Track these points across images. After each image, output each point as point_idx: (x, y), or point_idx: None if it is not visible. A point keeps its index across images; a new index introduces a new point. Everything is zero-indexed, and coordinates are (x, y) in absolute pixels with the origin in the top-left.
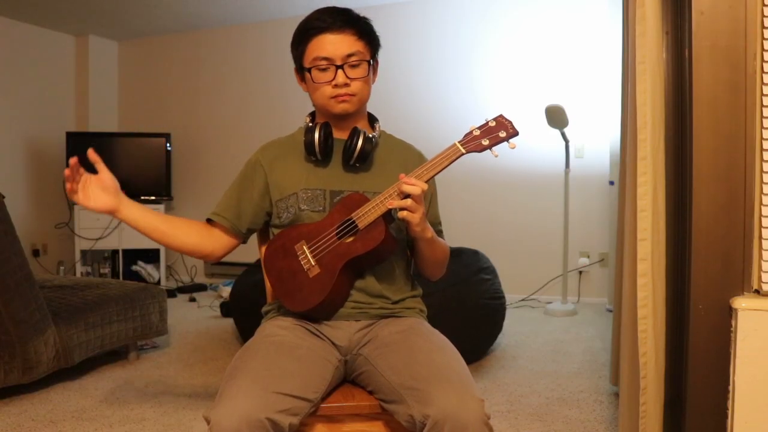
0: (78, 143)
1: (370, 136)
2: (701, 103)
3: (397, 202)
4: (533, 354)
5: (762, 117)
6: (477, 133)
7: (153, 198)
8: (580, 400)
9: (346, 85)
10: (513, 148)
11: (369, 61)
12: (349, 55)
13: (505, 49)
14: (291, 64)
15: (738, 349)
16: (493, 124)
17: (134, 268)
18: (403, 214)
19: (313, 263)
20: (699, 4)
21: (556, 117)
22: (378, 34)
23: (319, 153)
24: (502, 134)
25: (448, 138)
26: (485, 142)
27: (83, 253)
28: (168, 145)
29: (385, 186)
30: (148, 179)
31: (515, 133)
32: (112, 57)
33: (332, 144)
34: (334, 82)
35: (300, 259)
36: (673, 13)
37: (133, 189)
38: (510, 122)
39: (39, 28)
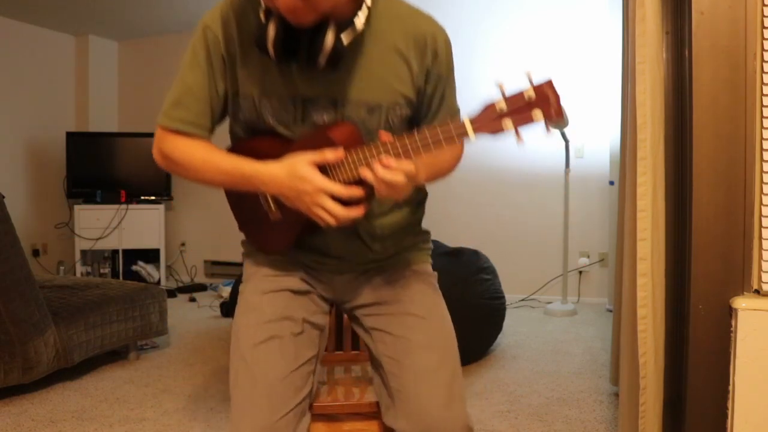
0: (78, 143)
1: (352, 28)
2: (701, 103)
3: (371, 175)
4: (533, 354)
5: (762, 117)
6: (502, 109)
7: (153, 198)
8: (580, 400)
9: None
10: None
11: None
12: None
13: (505, 49)
14: None
15: (738, 349)
16: (531, 96)
17: (134, 268)
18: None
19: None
20: (699, 4)
21: None
22: None
23: (274, 55)
24: (537, 115)
25: None
26: (507, 125)
27: (83, 253)
28: None
29: (380, 95)
30: (148, 179)
31: (559, 115)
32: (112, 57)
33: (297, 35)
34: None
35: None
36: (673, 13)
37: (133, 189)
38: (556, 94)
39: (39, 28)
